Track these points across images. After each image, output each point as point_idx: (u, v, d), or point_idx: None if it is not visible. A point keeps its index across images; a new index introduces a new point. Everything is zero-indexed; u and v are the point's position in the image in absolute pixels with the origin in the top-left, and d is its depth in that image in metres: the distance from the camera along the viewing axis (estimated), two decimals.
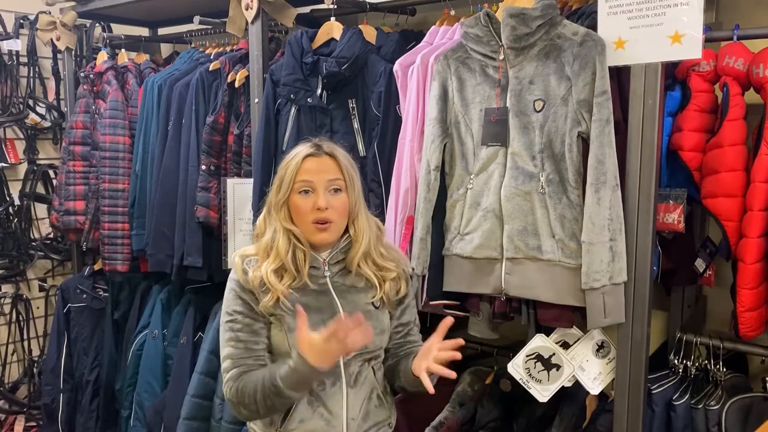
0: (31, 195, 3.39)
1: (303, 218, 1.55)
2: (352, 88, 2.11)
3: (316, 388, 1.54)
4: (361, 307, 1.59)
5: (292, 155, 1.57)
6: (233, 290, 1.57)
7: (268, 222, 1.59)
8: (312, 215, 1.53)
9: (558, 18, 1.70)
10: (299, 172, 1.54)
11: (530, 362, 1.83)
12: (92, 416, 3.04)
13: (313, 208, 1.53)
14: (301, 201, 1.54)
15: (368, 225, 1.61)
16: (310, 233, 1.55)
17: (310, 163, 1.55)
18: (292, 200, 1.55)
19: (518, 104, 1.72)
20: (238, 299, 1.56)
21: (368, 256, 1.60)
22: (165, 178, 2.58)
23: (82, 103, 2.95)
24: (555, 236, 1.69)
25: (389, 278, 1.61)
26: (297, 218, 1.56)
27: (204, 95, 2.52)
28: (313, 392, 1.55)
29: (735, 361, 1.93)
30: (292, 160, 1.56)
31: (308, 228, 1.55)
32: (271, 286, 1.52)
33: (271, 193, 1.59)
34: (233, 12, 2.34)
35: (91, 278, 3.14)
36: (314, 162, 1.55)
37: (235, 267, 1.58)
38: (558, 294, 1.71)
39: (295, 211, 1.55)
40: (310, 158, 1.55)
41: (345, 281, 1.61)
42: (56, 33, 3.03)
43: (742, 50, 1.70)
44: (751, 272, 1.67)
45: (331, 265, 1.60)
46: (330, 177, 1.55)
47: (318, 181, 1.54)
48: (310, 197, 1.54)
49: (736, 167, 1.69)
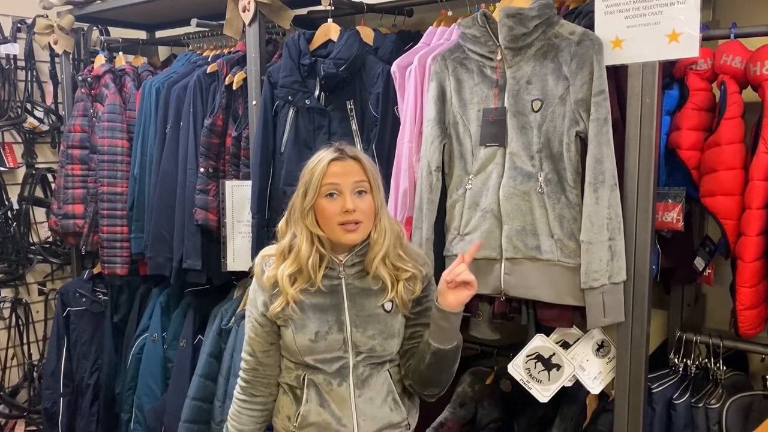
0: (30, 199, 3.39)
1: (329, 221, 1.56)
2: (350, 90, 2.11)
3: (325, 387, 1.60)
4: (370, 311, 1.60)
5: (316, 160, 1.58)
6: (251, 290, 1.68)
7: (290, 225, 1.62)
8: (339, 218, 1.55)
9: (555, 18, 1.70)
10: (326, 176, 1.55)
11: (530, 362, 1.83)
12: (92, 420, 3.04)
13: (341, 210, 1.54)
14: (328, 204, 1.55)
15: (390, 227, 1.61)
16: (338, 235, 1.56)
17: (335, 167, 1.56)
18: (319, 204, 1.56)
19: (516, 104, 1.72)
20: (253, 299, 1.66)
21: (386, 258, 1.60)
22: (163, 180, 2.58)
23: (80, 107, 2.95)
24: (554, 236, 1.69)
25: (403, 278, 1.61)
26: (323, 222, 1.57)
27: (202, 98, 2.52)
28: (322, 394, 1.61)
29: (735, 360, 1.92)
30: (318, 164, 1.56)
31: (335, 230, 1.56)
32: (284, 288, 1.57)
33: (295, 199, 1.60)
34: (230, 14, 2.34)
35: (91, 282, 3.13)
36: (340, 166, 1.56)
37: (256, 265, 1.67)
38: (557, 294, 1.71)
39: (322, 215, 1.57)
40: (335, 162, 1.56)
41: (359, 284, 1.62)
42: (54, 37, 3.03)
43: (739, 48, 1.70)
44: (751, 270, 1.67)
45: (348, 267, 1.62)
46: (356, 179, 1.57)
47: (344, 183, 1.55)
48: (336, 201, 1.55)
49: (734, 165, 1.69)
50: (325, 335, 1.58)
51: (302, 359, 1.59)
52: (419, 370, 1.64)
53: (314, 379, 1.61)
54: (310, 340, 1.57)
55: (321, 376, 1.60)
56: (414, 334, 1.67)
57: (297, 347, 1.58)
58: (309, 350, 1.58)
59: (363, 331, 1.59)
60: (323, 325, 1.58)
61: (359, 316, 1.60)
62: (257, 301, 1.64)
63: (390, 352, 1.63)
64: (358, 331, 1.59)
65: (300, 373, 1.62)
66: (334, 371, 1.60)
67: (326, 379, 1.60)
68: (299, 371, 1.63)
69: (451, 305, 1.55)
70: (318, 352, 1.58)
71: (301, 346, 1.58)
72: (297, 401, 1.63)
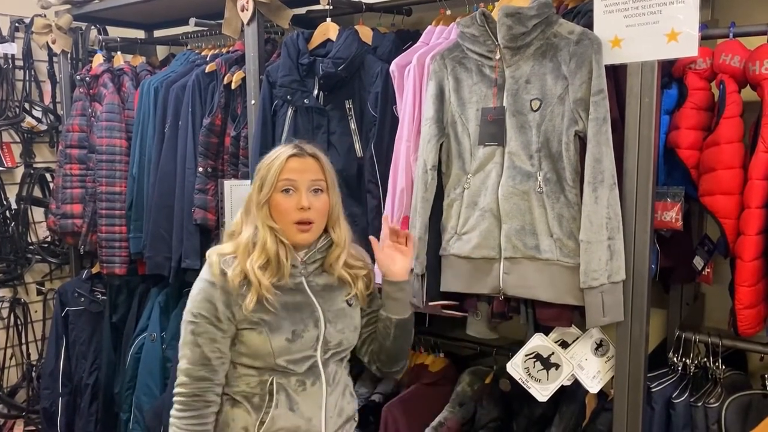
0: (28, 199, 3.39)
1: (284, 218, 1.56)
2: (348, 89, 2.11)
3: (296, 389, 1.57)
4: (338, 306, 1.63)
5: (274, 155, 1.58)
6: (203, 291, 1.55)
7: (247, 221, 1.59)
8: (294, 215, 1.55)
9: (554, 17, 1.70)
10: (283, 171, 1.55)
11: (529, 362, 1.83)
12: (91, 420, 3.04)
13: (296, 207, 1.55)
14: (284, 200, 1.55)
15: (347, 228, 1.65)
16: (291, 233, 1.56)
17: (293, 162, 1.56)
18: (274, 199, 1.56)
19: (515, 104, 1.72)
20: (205, 302, 1.53)
21: (346, 258, 1.64)
22: (162, 180, 2.58)
23: (78, 106, 2.94)
24: (553, 235, 1.69)
25: (361, 275, 1.66)
26: (278, 217, 1.56)
27: (200, 97, 2.52)
28: (291, 396, 1.56)
29: (734, 359, 1.92)
30: (275, 159, 1.57)
31: (289, 228, 1.56)
32: (258, 280, 1.51)
33: (251, 193, 1.60)
34: (229, 13, 2.34)
35: (89, 281, 3.13)
36: (298, 162, 1.57)
37: (212, 266, 1.55)
38: (556, 293, 1.71)
39: (277, 210, 1.56)
40: (293, 158, 1.57)
41: (319, 281, 1.63)
42: (52, 36, 3.02)
43: (738, 47, 1.70)
44: (750, 269, 1.67)
45: (308, 264, 1.62)
46: (313, 177, 1.57)
47: (301, 180, 1.56)
48: (292, 197, 1.55)
49: (733, 165, 1.69)
50: (302, 333, 1.56)
51: (273, 362, 1.54)
52: (386, 348, 1.68)
53: (283, 383, 1.56)
54: (287, 339, 1.54)
55: (293, 378, 1.56)
56: (369, 321, 1.72)
57: (272, 349, 1.53)
58: (285, 351, 1.54)
59: (334, 326, 1.61)
60: (299, 324, 1.56)
61: (330, 311, 1.61)
62: (215, 305, 1.52)
63: (352, 344, 1.67)
64: (330, 326, 1.60)
65: (266, 378, 1.56)
66: (304, 371, 1.57)
67: (298, 380, 1.57)
68: (264, 376, 1.56)
69: (399, 274, 1.63)
70: (292, 352, 1.55)
71: (278, 348, 1.53)
72: (256, 409, 1.56)
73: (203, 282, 1.56)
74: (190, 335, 1.54)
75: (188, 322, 1.55)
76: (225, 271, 1.53)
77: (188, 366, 1.54)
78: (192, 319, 1.55)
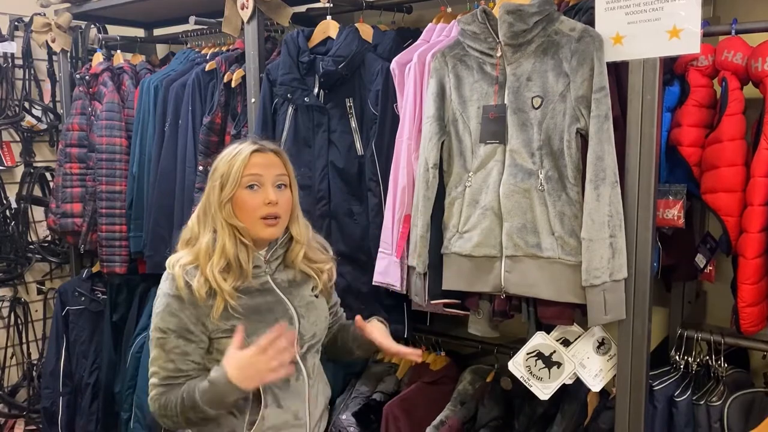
0: (28, 198, 3.38)
1: (250, 214, 1.52)
2: (349, 87, 2.10)
3: (281, 387, 1.55)
4: (307, 299, 1.63)
5: (234, 152, 1.54)
6: (168, 306, 1.49)
7: (204, 224, 1.54)
8: (261, 210, 1.52)
9: (555, 14, 1.69)
10: (247, 167, 1.51)
11: (531, 360, 1.82)
12: (92, 419, 3.04)
13: (263, 202, 1.52)
14: (249, 196, 1.52)
15: (305, 224, 1.65)
16: (258, 229, 1.53)
17: (257, 158, 1.53)
18: (238, 196, 1.52)
19: (516, 101, 1.71)
20: (173, 317, 1.48)
21: (307, 252, 1.64)
22: (162, 179, 2.57)
23: (78, 105, 2.94)
24: (554, 233, 1.68)
25: (325, 269, 1.67)
26: (242, 214, 1.52)
27: (200, 96, 2.51)
28: (277, 394, 1.55)
29: (736, 357, 1.92)
30: (237, 155, 1.52)
31: (255, 224, 1.53)
32: (218, 286, 1.47)
33: (209, 193, 1.55)
34: (229, 12, 2.33)
35: (90, 281, 3.13)
36: (261, 157, 1.54)
37: (176, 279, 1.49)
38: (558, 291, 1.70)
39: (241, 207, 1.52)
40: (257, 153, 1.54)
41: (283, 276, 1.62)
42: (51, 35, 3.02)
43: (740, 44, 1.70)
44: (752, 267, 1.67)
45: (271, 261, 1.60)
46: (277, 172, 1.56)
47: (266, 175, 1.53)
48: (257, 193, 1.52)
49: (735, 162, 1.69)
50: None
51: None
52: (336, 350, 1.79)
53: (268, 384, 1.52)
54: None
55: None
56: (330, 311, 1.75)
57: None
58: None
59: (307, 320, 1.61)
60: (274, 324, 1.49)
61: (301, 306, 1.60)
62: (183, 320, 1.48)
63: (324, 334, 1.70)
64: (304, 321, 1.60)
65: None
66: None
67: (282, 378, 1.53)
68: None
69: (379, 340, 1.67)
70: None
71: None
72: (241, 411, 1.54)
73: (168, 297, 1.50)
74: (159, 350, 1.50)
75: (157, 339, 1.50)
76: (189, 284, 1.48)
77: (160, 381, 1.50)
78: (161, 336, 1.49)
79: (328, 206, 2.12)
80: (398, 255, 1.95)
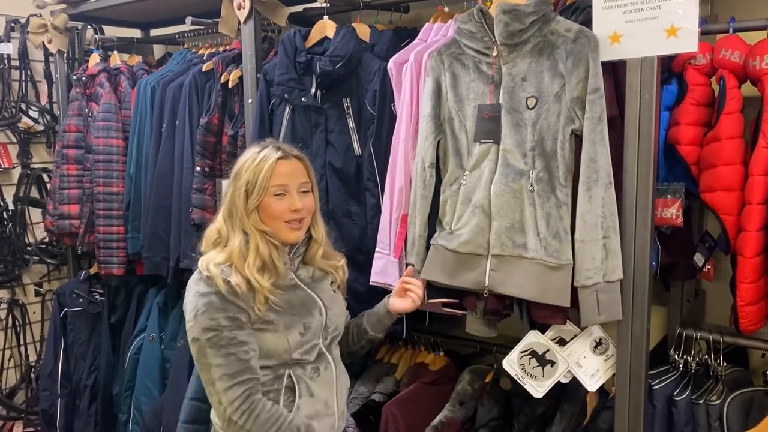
0: (25, 199, 3.38)
1: (276, 219, 1.59)
2: (346, 87, 2.10)
3: (312, 377, 1.62)
4: (329, 293, 1.70)
5: (259, 158, 1.58)
6: (210, 304, 1.50)
7: (232, 225, 1.59)
8: (287, 216, 1.59)
9: (551, 14, 1.68)
10: (273, 176, 1.57)
11: (524, 358, 1.82)
12: (90, 421, 3.03)
13: (289, 209, 1.58)
14: (276, 204, 1.58)
15: (323, 224, 1.73)
16: (284, 233, 1.60)
17: (282, 166, 1.59)
18: (265, 203, 1.58)
19: (511, 101, 1.71)
20: (219, 312, 1.50)
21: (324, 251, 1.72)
22: (159, 180, 2.57)
23: (74, 106, 2.93)
24: (539, 234, 1.67)
25: (340, 266, 1.75)
26: (268, 219, 1.59)
27: (197, 96, 2.51)
28: (309, 384, 1.61)
29: (735, 356, 1.92)
30: (263, 163, 1.57)
31: (281, 228, 1.59)
32: (258, 284, 1.53)
33: (233, 197, 1.59)
34: (225, 12, 2.33)
35: (87, 282, 3.12)
36: (286, 165, 1.60)
37: (214, 278, 1.51)
38: (540, 292, 1.68)
39: (268, 213, 1.58)
40: (282, 161, 1.59)
41: (306, 273, 1.68)
42: (48, 36, 3.01)
43: (738, 43, 1.69)
44: (751, 266, 1.67)
45: (294, 259, 1.67)
46: (302, 180, 1.62)
47: (292, 184, 1.60)
48: (284, 200, 1.58)
49: (734, 161, 1.68)
50: (311, 324, 1.61)
51: (288, 357, 1.58)
52: (349, 348, 1.81)
53: (300, 373, 1.61)
54: (300, 334, 1.59)
55: (308, 366, 1.62)
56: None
57: (290, 345, 1.57)
58: (300, 344, 1.59)
59: (332, 312, 1.68)
60: (307, 316, 1.61)
61: (326, 299, 1.67)
62: (229, 312, 1.50)
63: (343, 327, 1.77)
64: (330, 312, 1.67)
65: (280, 372, 1.58)
66: (315, 359, 1.63)
67: (313, 367, 1.63)
68: (280, 371, 1.58)
69: (399, 310, 1.78)
70: (305, 344, 1.60)
71: (294, 343, 1.58)
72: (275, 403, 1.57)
73: (208, 296, 1.51)
74: (216, 351, 1.49)
75: (208, 340, 1.49)
76: (228, 280, 1.52)
77: (228, 383, 1.49)
78: (212, 335, 1.49)
79: (326, 206, 2.12)
80: (396, 255, 1.95)
